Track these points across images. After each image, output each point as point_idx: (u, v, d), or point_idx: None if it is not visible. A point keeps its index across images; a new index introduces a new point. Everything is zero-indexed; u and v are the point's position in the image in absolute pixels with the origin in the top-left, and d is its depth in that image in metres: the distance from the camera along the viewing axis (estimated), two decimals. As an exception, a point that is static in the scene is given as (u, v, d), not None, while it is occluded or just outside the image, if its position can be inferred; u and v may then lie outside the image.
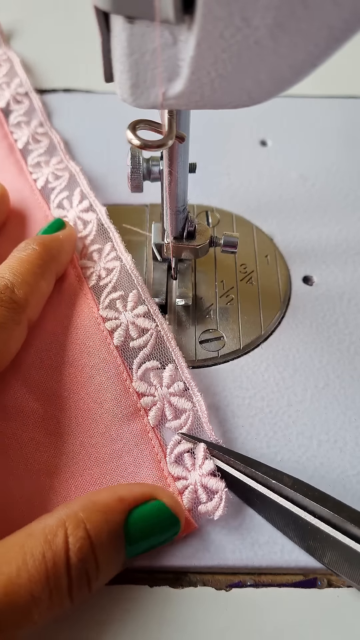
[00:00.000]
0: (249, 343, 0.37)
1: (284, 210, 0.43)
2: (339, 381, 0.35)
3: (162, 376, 0.33)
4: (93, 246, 0.39)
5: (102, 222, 0.39)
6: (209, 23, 0.18)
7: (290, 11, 0.18)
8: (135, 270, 0.37)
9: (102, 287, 0.37)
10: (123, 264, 0.37)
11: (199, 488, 0.30)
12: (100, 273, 0.37)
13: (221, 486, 0.29)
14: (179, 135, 0.27)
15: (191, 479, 0.30)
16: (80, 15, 0.56)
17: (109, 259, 0.38)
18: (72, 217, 0.40)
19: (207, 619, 0.28)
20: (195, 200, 0.43)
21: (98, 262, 0.38)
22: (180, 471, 0.30)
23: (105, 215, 0.39)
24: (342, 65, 0.46)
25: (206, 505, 0.29)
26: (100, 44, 0.22)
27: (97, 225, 0.39)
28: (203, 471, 0.30)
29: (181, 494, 0.30)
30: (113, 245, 0.38)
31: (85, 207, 0.40)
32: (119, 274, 0.37)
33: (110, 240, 0.38)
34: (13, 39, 0.55)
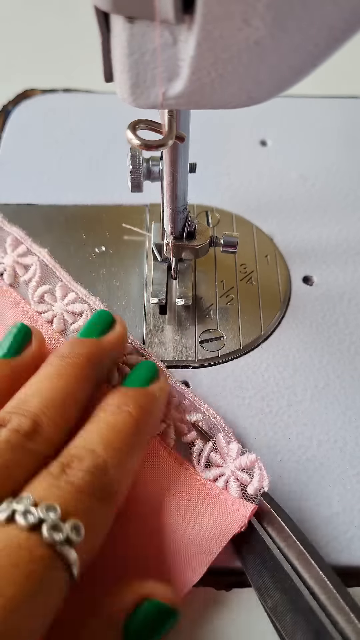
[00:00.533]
0: (249, 343, 0.37)
1: (284, 210, 0.43)
2: (339, 381, 0.35)
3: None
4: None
5: (45, 263, 0.38)
6: (209, 23, 0.18)
7: (290, 11, 0.18)
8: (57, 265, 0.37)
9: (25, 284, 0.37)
10: (41, 259, 0.38)
11: (238, 473, 0.30)
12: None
13: (253, 457, 0.30)
14: (179, 135, 0.27)
15: (227, 471, 0.30)
16: (80, 15, 0.56)
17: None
18: (10, 263, 0.38)
19: (207, 619, 0.28)
20: (195, 200, 0.43)
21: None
22: (214, 472, 0.30)
23: (48, 255, 0.38)
24: (342, 65, 0.46)
25: (252, 484, 0.29)
26: (100, 44, 0.22)
27: (41, 266, 0.38)
28: (232, 455, 0.30)
29: (227, 489, 0.30)
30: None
31: (23, 252, 0.39)
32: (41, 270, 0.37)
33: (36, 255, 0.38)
34: (13, 39, 0.55)
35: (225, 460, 0.31)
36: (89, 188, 0.44)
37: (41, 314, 0.36)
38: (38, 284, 0.37)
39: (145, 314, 0.38)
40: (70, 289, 0.37)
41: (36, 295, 0.37)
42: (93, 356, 0.30)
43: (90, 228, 0.42)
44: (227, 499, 0.29)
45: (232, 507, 0.29)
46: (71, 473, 0.25)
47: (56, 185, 0.44)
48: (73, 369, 0.29)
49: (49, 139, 0.47)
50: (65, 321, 0.36)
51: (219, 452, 0.31)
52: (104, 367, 0.31)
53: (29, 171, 0.45)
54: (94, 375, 0.30)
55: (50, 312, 0.36)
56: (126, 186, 0.34)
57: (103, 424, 0.28)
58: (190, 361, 0.36)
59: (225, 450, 0.31)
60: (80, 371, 0.29)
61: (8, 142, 0.47)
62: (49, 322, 0.36)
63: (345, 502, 0.31)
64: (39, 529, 0.22)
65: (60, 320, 0.36)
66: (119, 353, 0.33)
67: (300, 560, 0.27)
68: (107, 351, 0.32)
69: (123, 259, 0.40)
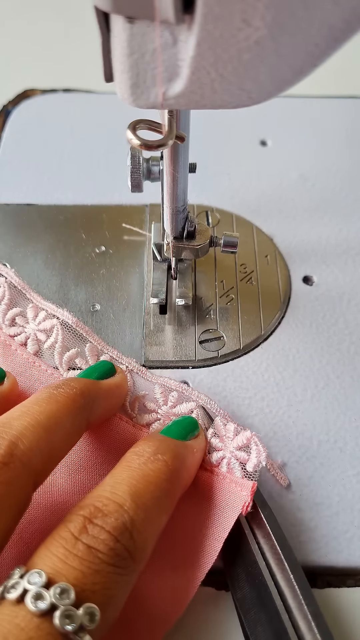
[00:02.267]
0: (249, 343, 0.36)
1: (284, 210, 0.43)
2: (339, 381, 0.35)
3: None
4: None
5: (14, 284, 0.37)
6: (209, 23, 0.18)
7: (290, 11, 0.18)
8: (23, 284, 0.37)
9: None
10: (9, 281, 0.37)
11: (236, 453, 0.30)
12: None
13: (248, 434, 0.30)
14: (179, 135, 0.27)
15: (227, 452, 0.30)
16: (80, 16, 0.56)
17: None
18: None
19: (207, 619, 0.28)
20: (195, 200, 0.43)
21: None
22: (216, 456, 0.30)
23: (15, 276, 0.37)
24: (342, 65, 0.46)
25: (251, 460, 0.30)
26: (100, 44, 0.22)
27: (9, 288, 0.37)
28: (229, 436, 0.31)
29: (230, 471, 0.30)
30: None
31: None
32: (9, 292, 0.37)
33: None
34: (13, 39, 0.55)
35: (224, 442, 0.31)
36: (89, 188, 0.44)
37: (14, 337, 0.35)
38: (8, 306, 0.36)
39: (145, 314, 0.38)
40: (40, 307, 0.36)
41: (7, 319, 0.36)
42: (87, 391, 0.29)
43: (90, 228, 0.42)
44: (231, 481, 0.29)
45: (235, 488, 0.29)
46: (93, 533, 0.23)
47: (56, 185, 0.44)
48: (64, 398, 0.27)
49: (49, 139, 0.47)
50: (39, 341, 0.35)
51: (218, 436, 0.31)
52: (97, 407, 0.29)
53: (29, 171, 0.45)
54: (85, 410, 0.28)
55: (23, 335, 0.35)
56: (126, 186, 0.34)
57: (134, 472, 0.25)
58: (190, 361, 0.36)
59: (223, 432, 0.31)
60: (71, 402, 0.27)
61: (8, 142, 0.47)
62: (22, 344, 0.35)
63: (345, 502, 0.31)
64: (51, 613, 0.20)
65: (34, 342, 0.35)
66: (118, 399, 0.32)
67: (274, 559, 0.27)
68: (103, 392, 0.30)
69: (123, 259, 0.40)
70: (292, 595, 0.26)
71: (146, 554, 0.24)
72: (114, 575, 0.22)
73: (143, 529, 0.24)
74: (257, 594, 0.26)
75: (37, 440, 0.25)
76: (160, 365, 0.36)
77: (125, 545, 0.23)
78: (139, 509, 0.24)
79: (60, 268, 0.40)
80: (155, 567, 0.28)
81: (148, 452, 0.27)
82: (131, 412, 0.33)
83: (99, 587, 0.21)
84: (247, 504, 0.28)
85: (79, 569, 0.21)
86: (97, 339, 0.35)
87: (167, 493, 0.25)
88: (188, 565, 0.28)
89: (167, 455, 0.27)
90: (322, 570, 0.29)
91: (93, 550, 0.22)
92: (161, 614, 0.27)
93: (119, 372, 0.33)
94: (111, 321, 0.37)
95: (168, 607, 0.27)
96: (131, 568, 0.23)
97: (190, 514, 0.29)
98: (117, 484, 0.25)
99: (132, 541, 0.23)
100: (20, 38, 0.56)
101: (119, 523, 0.23)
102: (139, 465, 0.26)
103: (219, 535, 0.28)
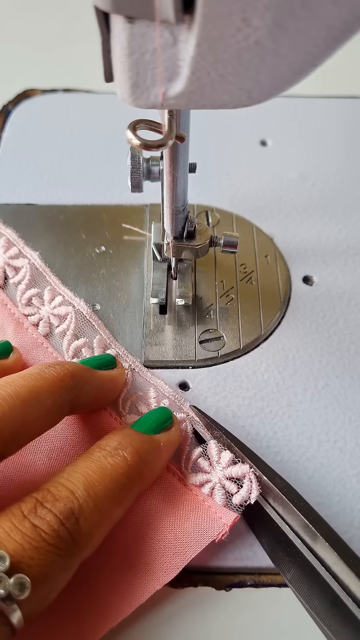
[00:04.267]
0: (249, 343, 0.37)
1: (284, 210, 0.43)
2: (339, 381, 0.35)
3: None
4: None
5: (36, 266, 0.38)
6: (209, 23, 0.18)
7: (290, 11, 0.18)
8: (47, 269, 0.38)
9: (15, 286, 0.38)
10: (31, 262, 0.38)
11: (225, 482, 0.29)
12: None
13: (246, 469, 0.29)
14: (179, 135, 0.27)
15: (214, 478, 0.30)
16: (80, 15, 0.56)
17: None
18: (0, 265, 0.38)
19: (207, 619, 0.28)
20: (195, 200, 0.43)
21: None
22: (201, 477, 0.30)
23: (39, 259, 0.38)
24: (342, 65, 0.46)
25: (240, 494, 0.29)
26: (100, 44, 0.22)
27: (31, 269, 0.38)
28: (222, 464, 0.30)
29: (211, 496, 0.29)
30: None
31: (15, 254, 0.39)
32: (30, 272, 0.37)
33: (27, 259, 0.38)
34: (13, 39, 0.55)
35: (214, 467, 0.30)
36: (89, 188, 0.44)
37: (27, 317, 0.36)
38: (27, 286, 0.37)
39: (145, 314, 0.38)
40: (57, 292, 0.37)
41: (24, 298, 0.37)
42: (79, 375, 0.29)
43: (90, 228, 0.42)
44: (211, 506, 0.29)
45: (215, 515, 0.29)
46: (41, 514, 0.23)
47: (56, 185, 0.44)
48: (52, 376, 0.28)
49: (49, 139, 0.47)
50: (51, 324, 0.36)
51: (208, 459, 0.31)
52: (85, 393, 0.30)
53: (29, 171, 0.45)
54: (71, 393, 0.28)
55: (37, 315, 0.36)
56: (126, 186, 0.34)
57: (93, 464, 0.26)
58: (190, 361, 0.36)
59: (216, 458, 0.30)
60: (58, 381, 0.28)
61: (8, 142, 0.47)
62: (34, 325, 0.36)
63: (345, 502, 0.31)
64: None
65: (46, 324, 0.36)
66: (111, 393, 0.32)
67: (307, 533, 0.27)
68: (95, 380, 0.30)
69: (123, 259, 0.40)
70: (334, 562, 0.26)
71: (91, 541, 0.25)
72: (53, 555, 0.23)
73: (90, 517, 0.24)
74: (302, 571, 0.27)
75: (10, 410, 0.25)
76: (160, 365, 0.36)
77: (69, 530, 0.24)
78: (89, 498, 0.25)
79: (60, 268, 0.40)
80: (116, 564, 0.28)
81: (111, 446, 0.27)
82: (121, 410, 0.33)
83: (35, 563, 0.22)
84: (224, 533, 0.28)
85: (20, 543, 0.22)
86: (107, 332, 0.36)
87: (122, 487, 0.26)
88: (148, 571, 0.28)
89: (127, 450, 0.27)
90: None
91: (37, 529, 0.23)
92: (111, 610, 0.27)
93: (118, 367, 0.33)
94: (111, 321, 0.37)
95: (119, 605, 0.27)
96: (72, 552, 0.24)
97: (164, 523, 0.29)
98: (74, 473, 0.26)
99: (77, 527, 0.24)
100: (20, 38, 0.56)
101: (67, 508, 0.24)
102: (99, 458, 0.27)
103: (185, 555, 0.28)
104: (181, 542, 0.28)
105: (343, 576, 0.26)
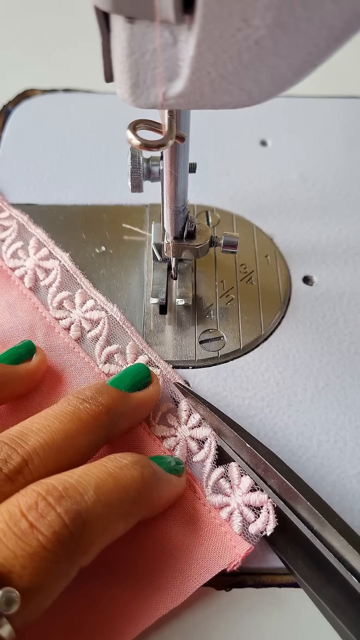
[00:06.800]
0: (249, 343, 0.37)
1: (284, 210, 0.43)
2: (339, 381, 0.35)
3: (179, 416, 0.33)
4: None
5: (66, 268, 0.38)
6: (209, 23, 0.18)
7: (290, 11, 0.18)
8: (78, 272, 0.38)
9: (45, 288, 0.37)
10: (62, 263, 0.38)
11: (243, 509, 0.29)
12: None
13: (264, 498, 0.28)
14: (179, 135, 0.27)
15: (233, 503, 0.29)
16: (80, 15, 0.56)
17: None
18: (31, 266, 0.38)
19: (207, 619, 0.28)
20: (195, 200, 0.43)
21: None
22: (221, 499, 0.29)
23: (69, 260, 0.38)
24: (342, 65, 0.46)
25: (256, 524, 0.28)
26: (100, 44, 0.22)
27: (62, 271, 0.38)
28: (242, 489, 0.29)
29: (229, 522, 0.29)
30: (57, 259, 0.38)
31: (45, 255, 0.39)
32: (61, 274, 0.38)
33: (57, 259, 0.38)
34: (13, 40, 0.55)
35: (234, 491, 0.30)
36: (89, 188, 0.44)
37: (59, 321, 0.36)
38: (58, 289, 0.37)
39: (145, 314, 0.38)
40: (89, 295, 0.37)
41: (55, 301, 0.37)
42: (114, 409, 0.28)
43: (90, 228, 0.42)
44: (227, 533, 0.29)
45: (230, 543, 0.28)
46: (43, 512, 0.22)
47: (56, 185, 0.44)
48: (87, 416, 0.27)
49: (49, 139, 0.47)
50: (83, 329, 0.36)
51: (229, 481, 0.30)
52: (121, 424, 0.29)
53: (29, 171, 0.45)
54: (107, 429, 0.28)
55: (68, 319, 0.36)
56: (126, 186, 0.34)
57: (109, 471, 0.25)
58: (190, 361, 0.36)
59: (237, 482, 0.30)
60: (94, 421, 0.27)
61: (8, 142, 0.47)
62: (66, 329, 0.36)
63: (345, 502, 0.31)
64: None
65: (78, 328, 0.36)
66: (145, 413, 0.32)
67: (312, 517, 0.28)
68: (131, 408, 0.30)
69: (123, 259, 0.40)
70: (342, 545, 0.26)
71: (92, 550, 0.23)
72: (49, 563, 0.21)
73: (96, 524, 0.23)
74: (311, 560, 0.28)
75: (47, 460, 0.25)
76: (160, 365, 0.36)
77: (72, 533, 0.22)
78: (99, 503, 0.23)
79: (60, 268, 0.39)
80: (127, 584, 0.27)
81: (128, 459, 0.26)
82: (152, 420, 0.32)
83: (28, 572, 0.20)
84: (236, 563, 0.28)
85: (12, 549, 0.21)
86: (139, 338, 0.36)
87: (133, 502, 0.25)
88: (157, 595, 0.27)
89: (146, 469, 0.26)
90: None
91: (35, 532, 0.21)
92: (117, 630, 0.26)
93: (154, 383, 0.32)
94: (111, 321, 0.37)
95: (124, 627, 0.26)
96: (72, 559, 0.22)
97: (180, 547, 0.28)
98: (86, 475, 0.24)
99: (82, 530, 0.22)
100: (20, 38, 0.56)
101: (73, 508, 0.22)
102: (114, 468, 0.25)
103: (196, 581, 0.27)
104: (193, 567, 0.28)
105: (353, 560, 0.26)
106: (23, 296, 0.37)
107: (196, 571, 0.28)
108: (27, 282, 0.38)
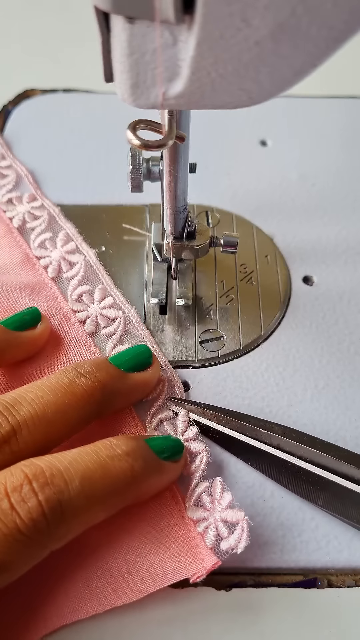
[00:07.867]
0: (249, 343, 0.37)
1: (284, 210, 0.43)
2: (339, 381, 0.35)
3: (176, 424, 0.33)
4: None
5: (90, 263, 0.39)
6: (209, 23, 0.18)
7: (290, 12, 0.18)
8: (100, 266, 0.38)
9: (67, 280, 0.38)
10: (87, 259, 0.38)
11: (219, 524, 0.28)
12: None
13: (241, 516, 0.28)
14: (179, 135, 0.27)
15: (211, 518, 0.29)
16: (80, 15, 0.56)
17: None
18: (57, 258, 0.39)
19: (207, 619, 0.28)
20: (195, 200, 0.43)
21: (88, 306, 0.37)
22: (200, 514, 0.29)
23: (94, 256, 0.39)
24: (342, 65, 0.46)
25: (228, 540, 0.28)
26: (100, 44, 0.22)
27: (86, 266, 0.38)
28: (223, 504, 0.29)
29: (203, 535, 0.28)
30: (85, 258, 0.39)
31: (72, 249, 0.39)
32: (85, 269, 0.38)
33: (97, 273, 0.38)
34: (13, 40, 0.55)
35: (214, 506, 0.29)
36: (89, 188, 0.44)
37: (76, 313, 0.37)
38: (79, 282, 0.38)
39: (145, 314, 0.38)
40: (109, 293, 0.37)
41: (75, 294, 0.37)
42: (109, 386, 0.29)
43: (90, 228, 0.42)
44: (198, 545, 0.28)
45: (199, 555, 0.28)
46: (25, 496, 0.22)
47: (56, 185, 0.44)
48: (82, 391, 0.27)
49: (49, 139, 0.47)
50: (98, 324, 0.36)
51: (211, 495, 0.30)
52: (115, 403, 0.30)
53: (29, 171, 0.45)
54: (99, 405, 0.28)
55: (85, 313, 0.37)
56: (126, 186, 0.34)
57: (100, 460, 0.25)
58: (190, 361, 0.36)
59: (218, 497, 0.29)
60: (87, 397, 0.27)
61: (8, 142, 0.47)
62: (81, 322, 0.36)
63: (345, 502, 0.31)
64: None
65: (93, 323, 0.36)
66: (140, 395, 0.32)
67: (320, 460, 0.30)
68: (127, 388, 0.30)
69: (123, 259, 0.40)
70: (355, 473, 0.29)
71: (66, 537, 0.23)
72: (20, 546, 0.21)
73: (75, 515, 0.23)
74: (330, 493, 0.29)
75: (35, 432, 0.25)
76: (160, 366, 0.36)
77: (49, 522, 0.22)
78: (82, 495, 0.23)
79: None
80: (88, 565, 0.27)
81: (122, 449, 0.26)
82: (146, 411, 0.33)
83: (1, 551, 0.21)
84: (200, 575, 0.27)
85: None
86: (153, 342, 0.36)
87: (117, 494, 0.25)
88: (113, 584, 0.27)
89: (138, 461, 0.26)
90: (322, 570, 0.29)
91: (14, 513, 0.22)
92: (67, 607, 0.26)
93: (154, 366, 0.32)
94: (111, 321, 0.37)
95: (77, 605, 0.26)
96: (43, 544, 0.22)
97: (147, 546, 0.28)
98: (76, 462, 0.24)
99: (58, 521, 0.22)
100: (20, 38, 0.56)
101: (55, 498, 0.22)
102: (106, 458, 0.25)
103: (154, 583, 0.27)
104: (156, 569, 0.28)
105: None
106: (44, 284, 0.38)
107: (158, 572, 0.28)
108: (50, 271, 0.38)
